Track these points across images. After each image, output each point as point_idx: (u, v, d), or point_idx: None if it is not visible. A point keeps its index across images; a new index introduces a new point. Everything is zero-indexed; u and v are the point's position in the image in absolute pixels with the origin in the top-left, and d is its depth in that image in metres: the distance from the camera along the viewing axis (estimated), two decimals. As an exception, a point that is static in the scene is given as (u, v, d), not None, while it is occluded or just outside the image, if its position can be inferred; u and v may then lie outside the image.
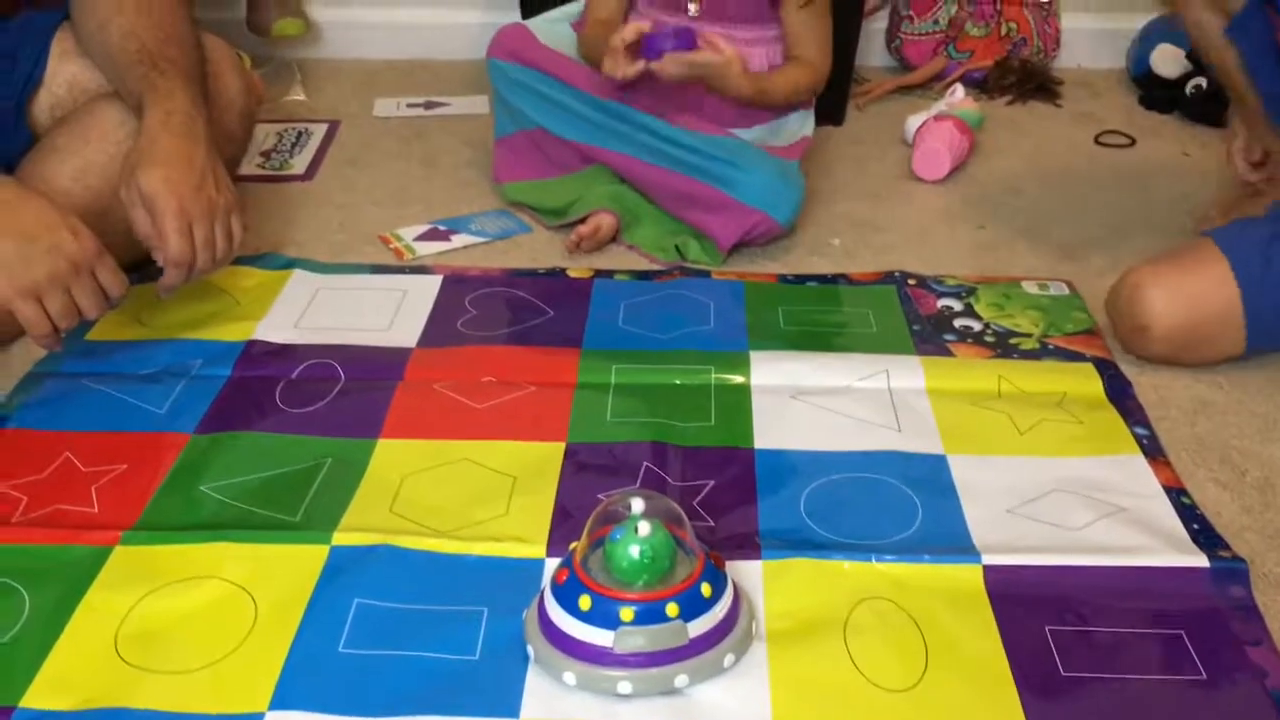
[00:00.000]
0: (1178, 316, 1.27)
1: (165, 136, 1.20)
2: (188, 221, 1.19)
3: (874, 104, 2.00)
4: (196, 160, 1.21)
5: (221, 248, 1.23)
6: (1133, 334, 1.31)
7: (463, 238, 1.56)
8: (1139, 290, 1.29)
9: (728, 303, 1.40)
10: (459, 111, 1.97)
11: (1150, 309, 1.28)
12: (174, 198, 1.18)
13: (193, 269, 1.22)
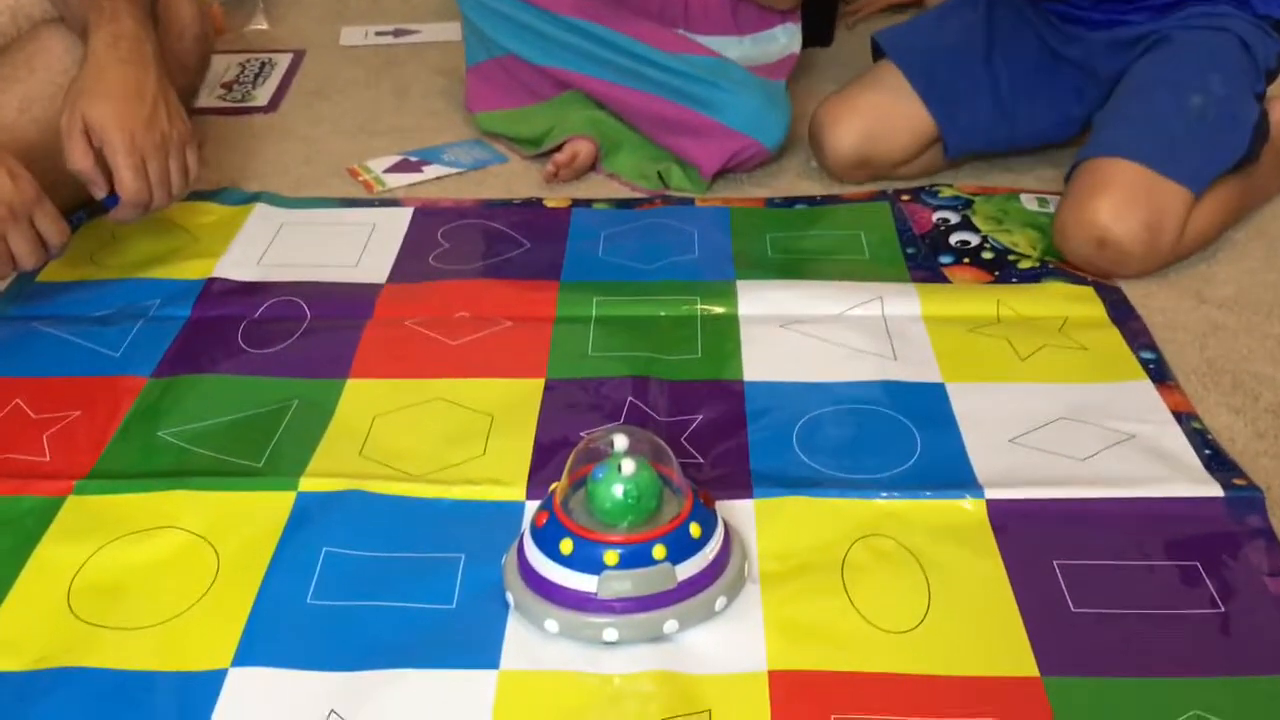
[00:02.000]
0: (853, 127, 1.40)
1: (113, 63, 1.13)
2: (140, 157, 1.12)
3: (864, 23, 1.92)
4: (147, 89, 1.13)
5: (177, 183, 1.16)
6: (823, 157, 1.43)
7: (435, 169, 1.49)
8: (820, 116, 1.44)
9: (712, 231, 1.34)
10: (430, 39, 1.89)
11: (828, 125, 1.41)
12: (125, 132, 1.11)
13: (149, 207, 1.15)
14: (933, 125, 1.42)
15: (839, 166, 1.43)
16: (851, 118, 1.42)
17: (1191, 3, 1.32)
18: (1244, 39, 1.30)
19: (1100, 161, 1.25)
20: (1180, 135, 1.26)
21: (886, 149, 1.42)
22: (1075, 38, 1.40)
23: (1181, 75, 1.29)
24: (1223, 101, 1.27)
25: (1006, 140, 1.47)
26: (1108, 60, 1.38)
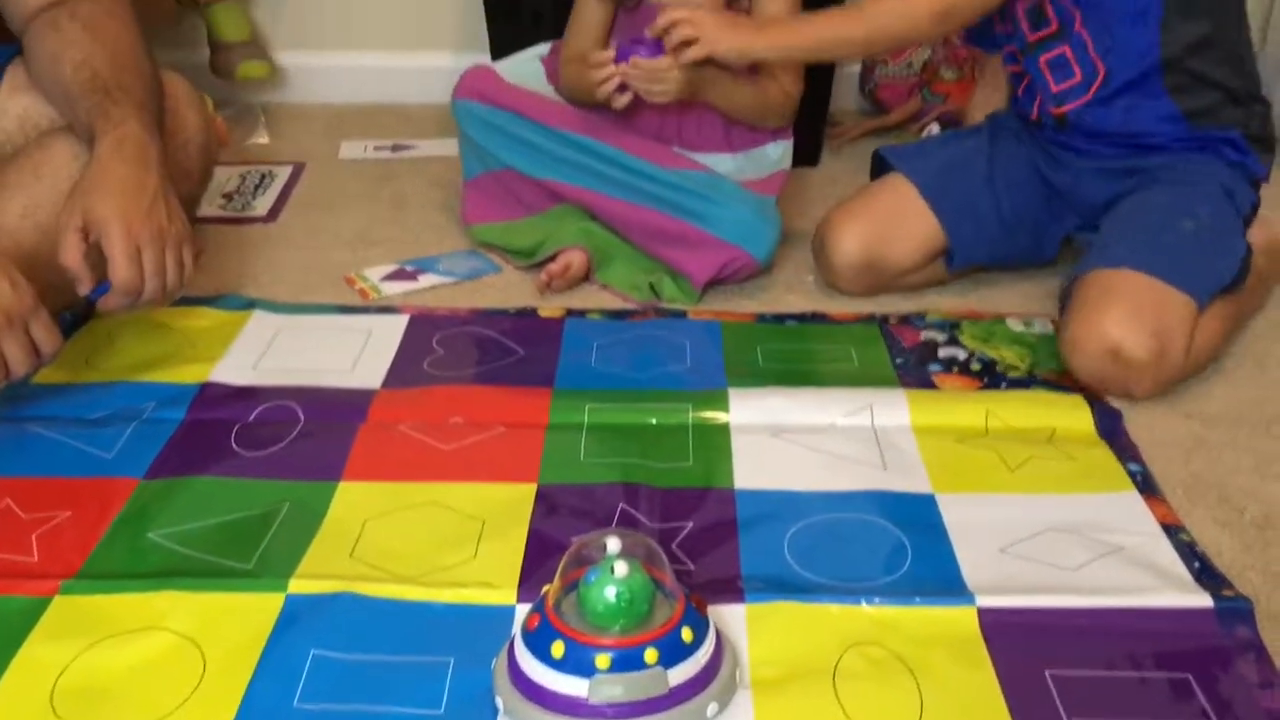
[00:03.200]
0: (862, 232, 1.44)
1: (116, 163, 1.15)
2: (135, 245, 1.13)
3: (849, 145, 1.98)
4: (148, 187, 1.15)
5: (172, 277, 1.16)
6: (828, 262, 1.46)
7: (430, 278, 1.51)
8: (828, 223, 1.47)
9: (704, 341, 1.36)
10: (427, 154, 1.93)
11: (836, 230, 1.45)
12: (122, 222, 1.12)
13: (139, 296, 1.15)
14: (939, 235, 1.45)
15: (843, 271, 1.45)
16: (860, 220, 1.46)
17: (1173, 149, 1.39)
18: (1224, 184, 1.36)
19: (1105, 273, 1.27)
20: (1179, 250, 1.28)
21: (893, 254, 1.45)
22: (1065, 165, 1.46)
23: (1173, 204, 1.34)
24: (1212, 228, 1.32)
25: (1003, 256, 1.51)
26: (1092, 186, 1.44)
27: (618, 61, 1.42)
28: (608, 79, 1.43)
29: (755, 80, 1.50)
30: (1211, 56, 1.36)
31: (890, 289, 1.49)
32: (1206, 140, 1.38)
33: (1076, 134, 1.44)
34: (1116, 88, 1.38)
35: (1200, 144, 1.39)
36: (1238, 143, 1.38)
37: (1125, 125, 1.40)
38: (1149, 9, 1.33)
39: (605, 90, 1.44)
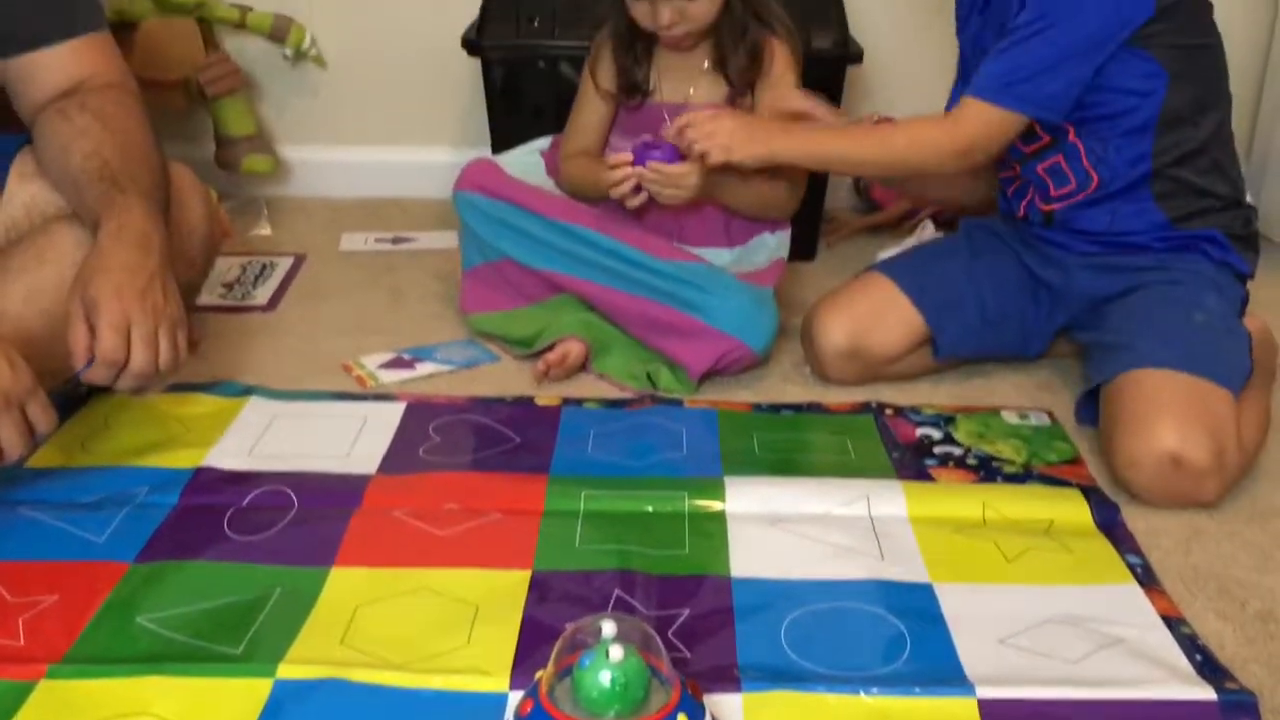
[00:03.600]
0: (846, 321, 1.46)
1: (116, 247, 1.16)
2: (125, 319, 1.12)
3: (844, 242, 2.00)
4: (145, 268, 1.16)
5: (165, 355, 1.15)
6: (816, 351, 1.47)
7: (428, 366, 1.52)
8: (814, 312, 1.50)
9: (700, 430, 1.36)
10: (427, 246, 1.95)
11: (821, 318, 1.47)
12: (116, 299, 1.12)
13: (123, 367, 1.13)
14: (923, 324, 1.47)
15: (830, 359, 1.47)
16: (845, 308, 1.48)
17: (1157, 249, 1.41)
18: (1212, 280, 1.38)
19: (1140, 376, 1.26)
20: (1202, 343, 1.29)
21: (878, 341, 1.46)
22: (1054, 261, 1.48)
23: (1178, 299, 1.36)
24: (1221, 317, 1.34)
25: (992, 348, 1.52)
26: (1082, 281, 1.46)
27: (635, 163, 1.45)
28: (623, 180, 1.46)
29: (763, 179, 1.53)
30: (1198, 165, 1.40)
31: (880, 377, 1.49)
32: (1189, 240, 1.41)
33: (1062, 231, 1.47)
34: (1105, 193, 1.41)
35: (1183, 244, 1.41)
36: (1220, 240, 1.41)
37: (1111, 226, 1.43)
38: (1146, 124, 1.37)
39: (620, 191, 1.47)
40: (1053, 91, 1.34)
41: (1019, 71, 1.33)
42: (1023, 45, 1.33)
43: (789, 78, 1.55)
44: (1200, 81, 1.38)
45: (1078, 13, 1.31)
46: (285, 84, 2.15)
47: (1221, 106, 1.42)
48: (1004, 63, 1.34)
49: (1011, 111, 1.35)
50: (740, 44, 1.51)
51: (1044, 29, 1.31)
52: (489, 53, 1.81)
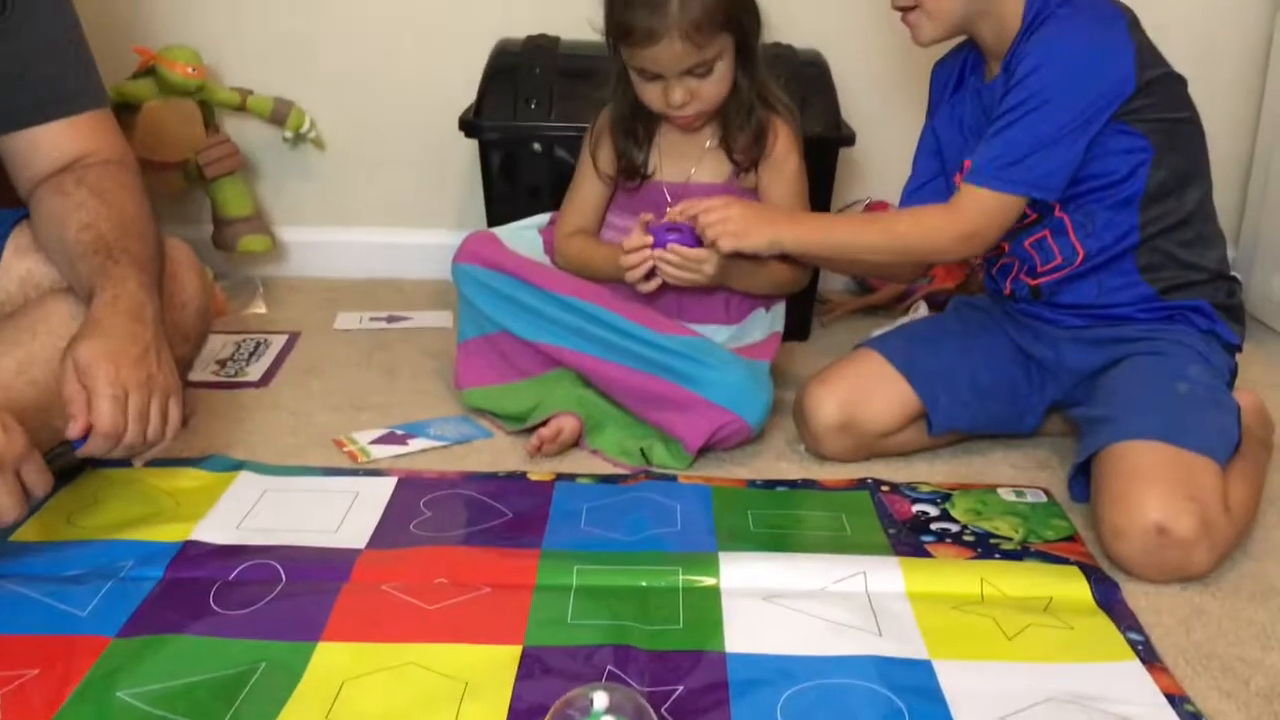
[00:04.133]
0: (838, 394, 1.46)
1: (110, 316, 1.16)
2: (123, 389, 1.12)
3: (838, 322, 2.01)
4: (140, 337, 1.16)
5: (155, 425, 1.15)
6: (809, 425, 1.47)
7: (420, 442, 1.51)
8: (806, 387, 1.49)
9: (695, 505, 1.34)
10: (422, 325, 1.96)
11: (814, 393, 1.47)
12: (111, 366, 1.12)
13: (120, 441, 1.13)
14: (915, 398, 1.47)
15: (823, 433, 1.46)
16: (836, 383, 1.48)
17: (1142, 320, 1.43)
18: (1199, 350, 1.39)
19: (1123, 449, 1.26)
20: (1184, 413, 1.29)
21: (870, 415, 1.45)
22: (1042, 336, 1.49)
23: (1162, 370, 1.36)
24: (1206, 386, 1.34)
25: (986, 423, 1.51)
26: (1072, 355, 1.47)
27: (654, 246, 1.45)
28: (640, 264, 1.46)
29: (777, 261, 1.54)
30: (1182, 237, 1.42)
31: (875, 452, 1.49)
32: (1175, 310, 1.43)
33: (1049, 306, 1.48)
34: (1091, 266, 1.43)
35: (1169, 314, 1.43)
36: (1205, 310, 1.42)
37: (1098, 299, 1.44)
38: (1131, 198, 1.39)
39: (635, 275, 1.47)
40: (1048, 170, 1.35)
41: (1013, 153, 1.35)
42: (1015, 127, 1.35)
43: (792, 158, 1.56)
44: (1183, 155, 1.41)
45: (1066, 91, 1.33)
46: (284, 166, 2.17)
47: (1203, 179, 1.45)
48: (997, 146, 1.36)
49: (1010, 195, 1.36)
50: (746, 124, 1.53)
51: (1035, 108, 1.33)
52: (487, 134, 1.83)
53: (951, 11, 1.40)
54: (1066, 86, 1.32)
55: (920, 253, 1.46)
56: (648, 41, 1.42)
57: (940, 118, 1.55)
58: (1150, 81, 1.35)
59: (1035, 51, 1.34)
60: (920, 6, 1.40)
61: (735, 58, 1.49)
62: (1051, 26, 1.35)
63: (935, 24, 1.41)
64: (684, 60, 1.44)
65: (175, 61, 1.95)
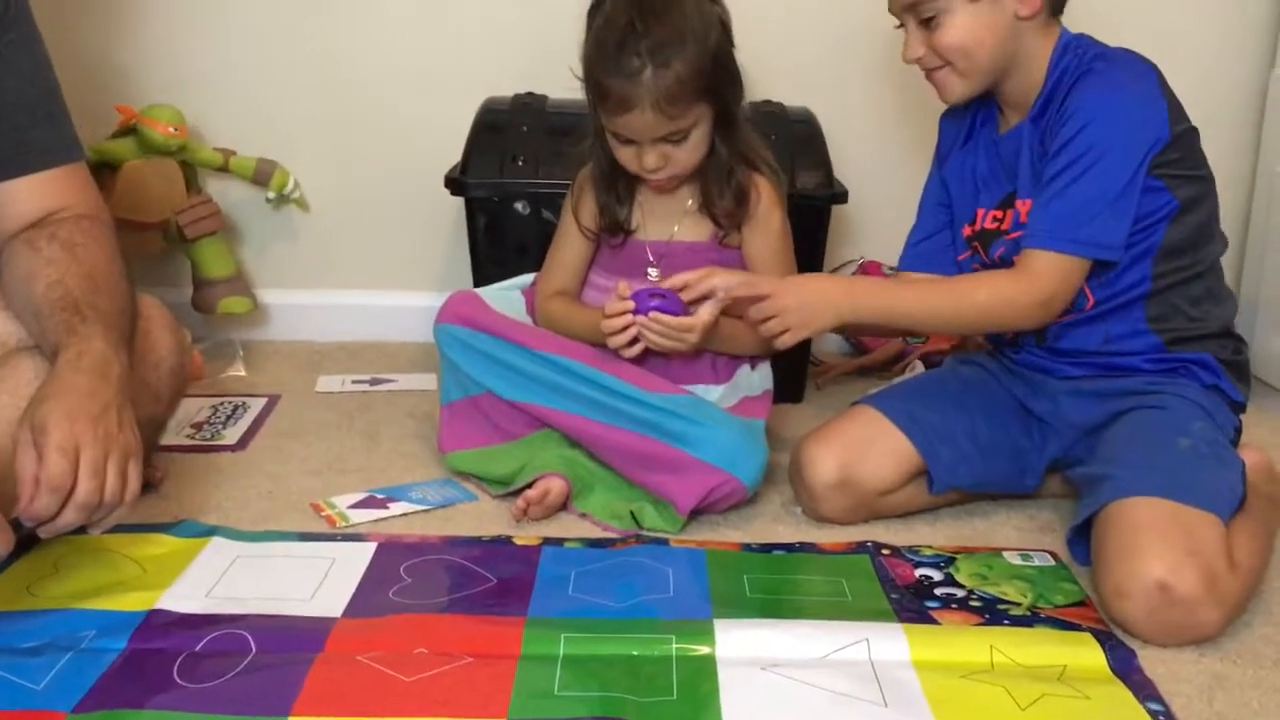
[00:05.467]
0: (836, 451, 1.41)
1: (72, 373, 1.11)
2: (74, 443, 1.05)
3: (832, 384, 1.96)
4: (101, 395, 1.10)
5: (112, 487, 1.07)
6: (806, 484, 1.42)
7: (402, 505, 1.45)
8: (802, 444, 1.45)
9: (688, 570, 1.28)
10: (405, 387, 1.91)
11: (810, 450, 1.42)
12: (65, 422, 1.05)
13: (69, 495, 1.05)
14: (915, 455, 1.42)
15: (821, 491, 1.41)
16: (834, 439, 1.43)
17: (1147, 371, 1.40)
18: (1202, 405, 1.36)
19: (1123, 507, 1.22)
20: (1185, 469, 1.26)
21: (868, 471, 1.41)
22: (1042, 390, 1.46)
23: (1164, 424, 1.33)
24: (1209, 442, 1.31)
25: (988, 480, 1.46)
26: (1072, 409, 1.44)
27: (636, 312, 1.41)
28: (623, 329, 1.42)
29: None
30: (1192, 292, 1.40)
31: (874, 513, 1.44)
32: (1180, 363, 1.40)
33: (1052, 352, 1.45)
34: (1100, 312, 1.40)
35: (1174, 367, 1.40)
36: (1210, 365, 1.40)
37: (1104, 345, 1.42)
38: (1149, 250, 1.37)
39: (618, 341, 1.43)
40: (1117, 230, 1.33)
41: (1081, 214, 1.32)
42: (1077, 185, 1.32)
43: (775, 215, 1.54)
44: (1202, 211, 1.39)
45: (1121, 144, 1.31)
46: (267, 227, 2.14)
47: (1218, 236, 1.44)
48: (1060, 208, 1.33)
49: (1081, 257, 1.34)
50: (726, 187, 1.50)
51: (1093, 164, 1.31)
52: (473, 192, 1.80)
53: (982, 69, 1.38)
54: (1121, 139, 1.31)
55: (997, 322, 1.42)
56: (621, 109, 1.40)
57: (950, 168, 1.53)
58: (1178, 136, 1.34)
59: (1085, 106, 1.32)
60: (950, 65, 1.38)
61: (713, 123, 1.46)
62: (1095, 80, 1.33)
63: (966, 82, 1.40)
64: (657, 129, 1.42)
65: (157, 121, 1.93)
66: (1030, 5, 1.35)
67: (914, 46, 1.39)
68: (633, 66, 1.38)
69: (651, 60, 1.38)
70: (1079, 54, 1.37)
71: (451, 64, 2.05)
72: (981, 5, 1.35)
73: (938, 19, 1.36)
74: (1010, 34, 1.36)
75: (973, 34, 1.35)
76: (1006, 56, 1.38)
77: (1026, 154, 1.40)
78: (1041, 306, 1.36)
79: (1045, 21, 1.38)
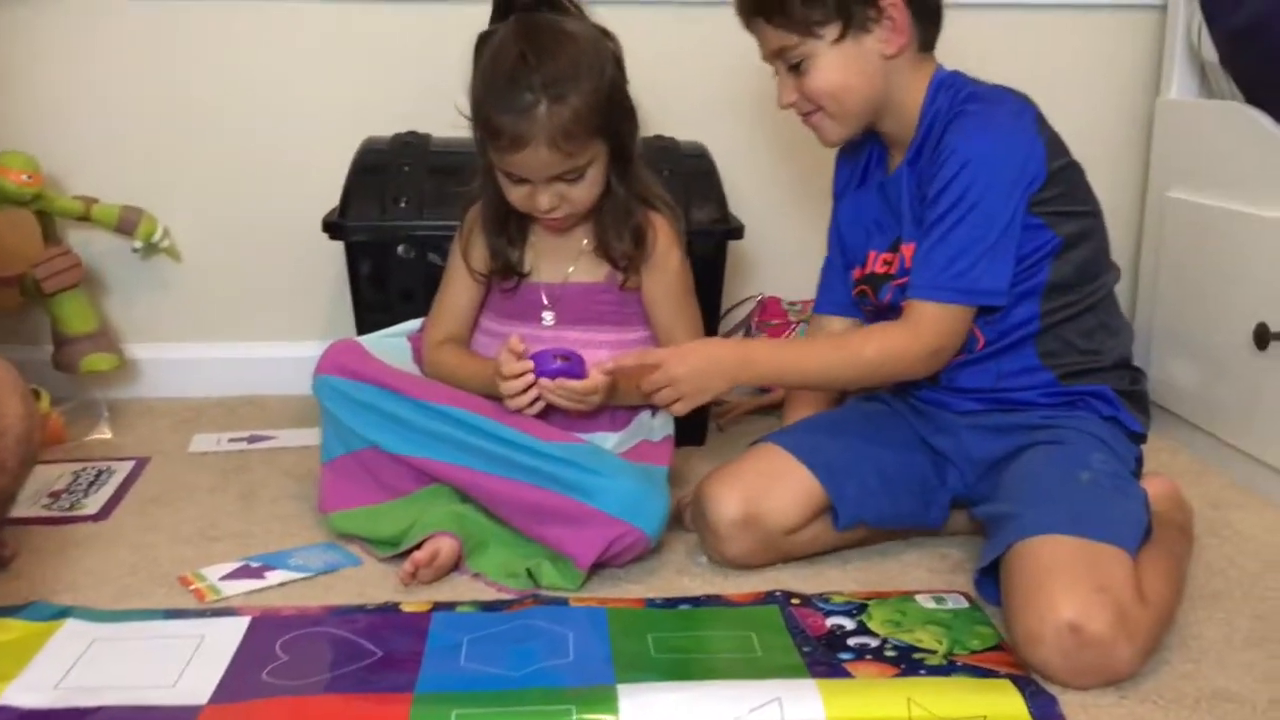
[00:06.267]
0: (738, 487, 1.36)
1: None
2: None
3: (734, 424, 1.91)
4: None
5: None
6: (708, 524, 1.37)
7: (279, 574, 1.35)
8: (704, 483, 1.40)
9: (588, 632, 1.20)
10: (286, 444, 1.80)
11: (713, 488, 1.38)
12: None
13: None
14: (819, 491, 1.38)
15: (725, 530, 1.36)
16: (735, 476, 1.39)
17: (1043, 405, 1.38)
18: (1101, 438, 1.34)
19: (1028, 547, 1.18)
20: (1087, 503, 1.23)
21: (773, 507, 1.36)
22: (942, 426, 1.44)
23: (1063, 459, 1.31)
24: (1109, 474, 1.29)
25: (891, 516, 1.43)
26: (972, 443, 1.42)
27: (536, 373, 1.36)
28: (522, 391, 1.37)
29: None
30: (1084, 326, 1.39)
31: (781, 553, 1.39)
32: (1076, 396, 1.39)
33: (947, 390, 1.43)
34: (990, 352, 1.39)
35: (1070, 400, 1.39)
36: (1108, 396, 1.39)
37: (996, 383, 1.40)
38: (1036, 288, 1.36)
39: (519, 404, 1.37)
40: (999, 274, 1.32)
41: (962, 261, 1.31)
42: (955, 232, 1.30)
43: (673, 255, 1.49)
44: (1087, 246, 1.38)
45: (995, 189, 1.30)
46: (135, 278, 2.02)
47: (1108, 268, 1.43)
48: (940, 257, 1.31)
49: (966, 305, 1.32)
50: (623, 228, 1.45)
51: (968, 211, 1.30)
52: (353, 235, 1.71)
53: (854, 111, 1.38)
54: (997, 182, 1.30)
55: (890, 375, 1.41)
56: (514, 147, 1.34)
57: (844, 209, 1.52)
58: (1056, 172, 1.33)
59: (958, 149, 1.31)
60: (822, 110, 1.38)
61: (609, 160, 1.41)
62: (968, 121, 1.32)
63: (840, 125, 1.40)
64: (552, 167, 1.36)
65: (9, 168, 1.81)
66: (895, 44, 1.34)
67: (786, 92, 1.39)
68: (526, 101, 1.32)
69: (546, 94, 1.32)
70: (952, 93, 1.36)
71: (329, 104, 1.97)
72: (846, 47, 1.34)
73: (805, 64, 1.35)
74: (879, 74, 1.36)
75: (841, 77, 1.35)
76: (878, 96, 1.37)
77: (906, 197, 1.39)
78: (931, 357, 1.34)
79: (914, 59, 1.38)
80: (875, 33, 1.34)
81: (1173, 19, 1.94)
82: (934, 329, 1.33)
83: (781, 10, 1.34)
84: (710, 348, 1.41)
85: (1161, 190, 1.94)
